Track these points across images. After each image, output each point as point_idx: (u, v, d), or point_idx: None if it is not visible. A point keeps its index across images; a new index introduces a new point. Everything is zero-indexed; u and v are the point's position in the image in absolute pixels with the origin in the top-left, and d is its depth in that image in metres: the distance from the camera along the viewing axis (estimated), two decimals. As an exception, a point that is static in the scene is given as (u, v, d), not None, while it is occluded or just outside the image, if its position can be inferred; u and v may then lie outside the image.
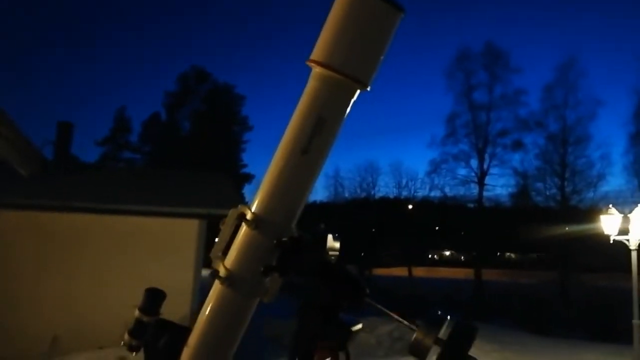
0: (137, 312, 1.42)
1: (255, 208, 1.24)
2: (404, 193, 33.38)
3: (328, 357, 1.18)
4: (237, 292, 1.26)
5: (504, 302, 18.89)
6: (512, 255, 42.51)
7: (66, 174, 8.51)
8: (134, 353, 1.43)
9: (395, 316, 1.20)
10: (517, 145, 25.38)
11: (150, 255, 7.13)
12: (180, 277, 6.83)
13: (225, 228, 1.27)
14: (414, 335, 1.13)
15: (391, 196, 34.08)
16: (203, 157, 24.69)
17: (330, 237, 1.25)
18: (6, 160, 5.55)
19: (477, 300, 21.61)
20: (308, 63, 1.22)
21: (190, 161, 22.95)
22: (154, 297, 1.42)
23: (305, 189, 1.27)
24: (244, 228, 1.24)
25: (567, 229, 21.02)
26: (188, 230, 7.62)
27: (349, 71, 1.19)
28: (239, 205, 1.26)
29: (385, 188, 37.04)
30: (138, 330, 1.41)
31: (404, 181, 33.41)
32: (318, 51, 1.21)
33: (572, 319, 14.41)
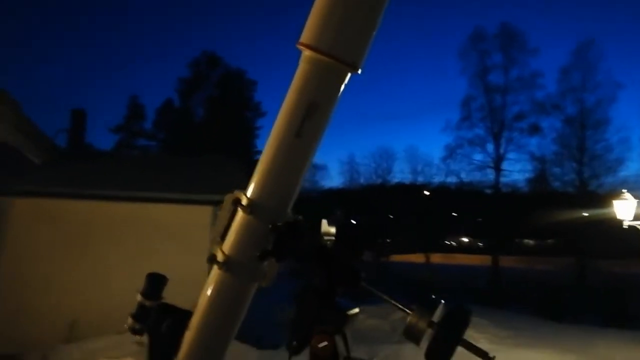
0: (139, 297, 1.45)
1: (251, 193, 1.25)
2: (420, 179, 33.21)
3: (325, 341, 1.19)
4: (235, 277, 1.28)
5: (520, 288, 18.77)
6: (530, 242, 42.10)
7: (79, 161, 8.65)
8: (139, 336, 1.47)
9: (391, 300, 1.20)
10: (534, 130, 24.79)
11: (165, 242, 7.21)
12: (194, 264, 6.85)
13: (222, 213, 1.29)
14: (408, 319, 1.13)
15: (407, 182, 33.95)
16: (217, 144, 24.72)
17: (325, 222, 1.25)
18: (19, 148, 5.66)
19: (493, 286, 21.51)
20: (298, 46, 1.21)
21: (204, 147, 23.00)
22: (155, 282, 1.45)
23: (300, 172, 1.27)
24: (240, 213, 1.25)
25: (585, 214, 20.73)
26: (202, 216, 7.68)
27: (337, 54, 1.18)
28: (235, 191, 1.27)
29: (400, 174, 36.88)
30: (141, 314, 1.44)
31: (419, 167, 33.24)
32: (307, 34, 1.20)
33: (587, 305, 14.28)
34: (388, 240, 31.82)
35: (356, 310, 1.27)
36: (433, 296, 1.18)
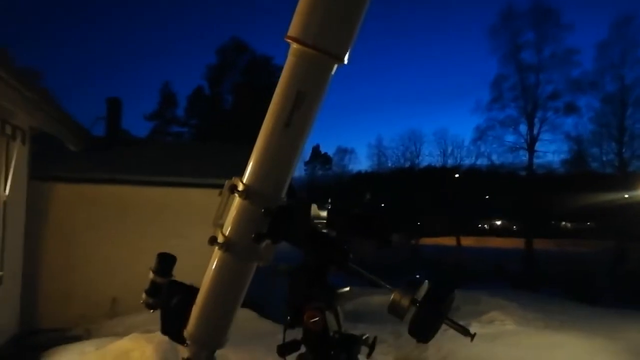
0: (151, 274, 1.58)
1: (246, 179, 1.33)
2: (450, 161, 32.76)
3: (316, 317, 1.27)
4: (233, 257, 1.37)
5: (554, 271, 18.41)
6: (568, 225, 41.08)
7: (115, 148, 9.00)
8: (152, 310, 1.60)
9: (378, 280, 1.27)
10: (570, 109, 23.88)
11: (196, 225, 7.43)
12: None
13: (222, 198, 1.38)
14: (392, 297, 1.19)
15: (437, 165, 33.56)
16: (246, 130, 25.03)
17: (314, 206, 1.32)
18: (57, 137, 6.00)
19: (526, 270, 21.15)
20: (285, 39, 1.26)
21: (234, 134, 23.33)
22: (165, 261, 1.58)
23: (291, 160, 1.34)
24: (236, 198, 1.34)
25: (625, 196, 20.05)
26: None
27: (322, 46, 1.22)
28: (233, 177, 1.36)
29: (429, 157, 36.43)
30: (153, 290, 1.57)
31: (449, 149, 32.76)
32: (293, 28, 1.25)
33: (624, 289, 13.89)
34: (418, 224, 31.59)
35: (346, 288, 1.35)
36: (417, 275, 1.25)
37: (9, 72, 3.74)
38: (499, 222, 48.90)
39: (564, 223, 40.66)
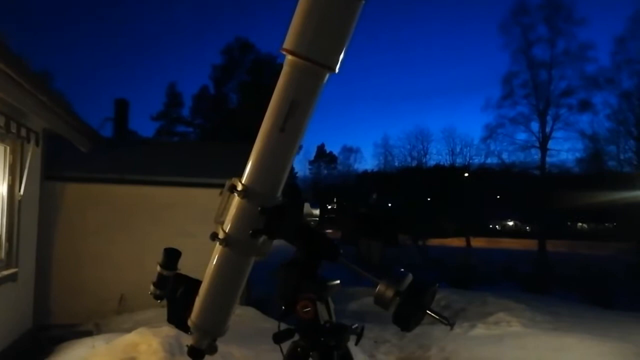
0: (158, 268, 1.69)
1: (244, 180, 1.42)
2: (459, 160, 32.60)
3: (308, 307, 1.37)
4: (233, 251, 1.47)
5: (568, 273, 18.18)
6: (585, 226, 40.53)
7: (123, 149, 9.18)
8: (159, 301, 1.71)
9: (365, 273, 1.36)
10: (585, 106, 23.47)
11: (202, 225, 7.55)
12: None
13: (223, 198, 1.48)
14: (377, 288, 1.28)
15: (445, 164, 33.38)
16: (250, 129, 25.04)
17: (307, 204, 1.42)
18: (67, 138, 6.16)
19: (538, 271, 20.93)
20: (281, 51, 1.35)
21: (239, 133, 23.41)
22: (170, 255, 1.69)
23: (285, 162, 1.43)
24: (235, 197, 1.44)
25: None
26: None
27: (315, 57, 1.31)
28: (233, 178, 1.46)
29: (437, 156, 36.28)
30: (160, 283, 1.69)
31: (458, 148, 32.61)
32: (288, 40, 1.33)
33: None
34: (426, 224, 31.43)
35: (337, 281, 1.44)
36: (402, 270, 1.33)
37: (25, 77, 3.87)
38: (511, 223, 48.49)
39: (580, 224, 40.13)
